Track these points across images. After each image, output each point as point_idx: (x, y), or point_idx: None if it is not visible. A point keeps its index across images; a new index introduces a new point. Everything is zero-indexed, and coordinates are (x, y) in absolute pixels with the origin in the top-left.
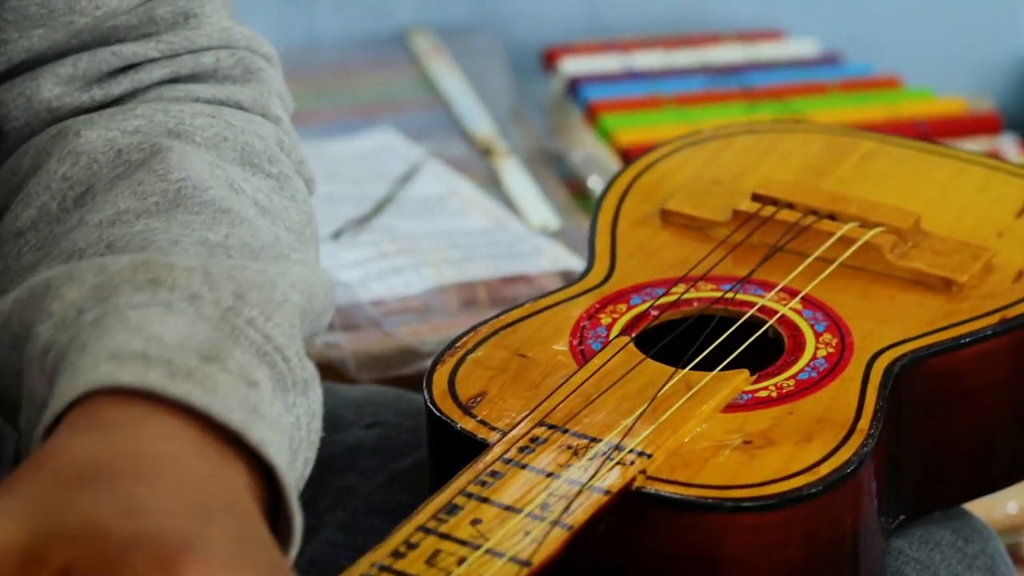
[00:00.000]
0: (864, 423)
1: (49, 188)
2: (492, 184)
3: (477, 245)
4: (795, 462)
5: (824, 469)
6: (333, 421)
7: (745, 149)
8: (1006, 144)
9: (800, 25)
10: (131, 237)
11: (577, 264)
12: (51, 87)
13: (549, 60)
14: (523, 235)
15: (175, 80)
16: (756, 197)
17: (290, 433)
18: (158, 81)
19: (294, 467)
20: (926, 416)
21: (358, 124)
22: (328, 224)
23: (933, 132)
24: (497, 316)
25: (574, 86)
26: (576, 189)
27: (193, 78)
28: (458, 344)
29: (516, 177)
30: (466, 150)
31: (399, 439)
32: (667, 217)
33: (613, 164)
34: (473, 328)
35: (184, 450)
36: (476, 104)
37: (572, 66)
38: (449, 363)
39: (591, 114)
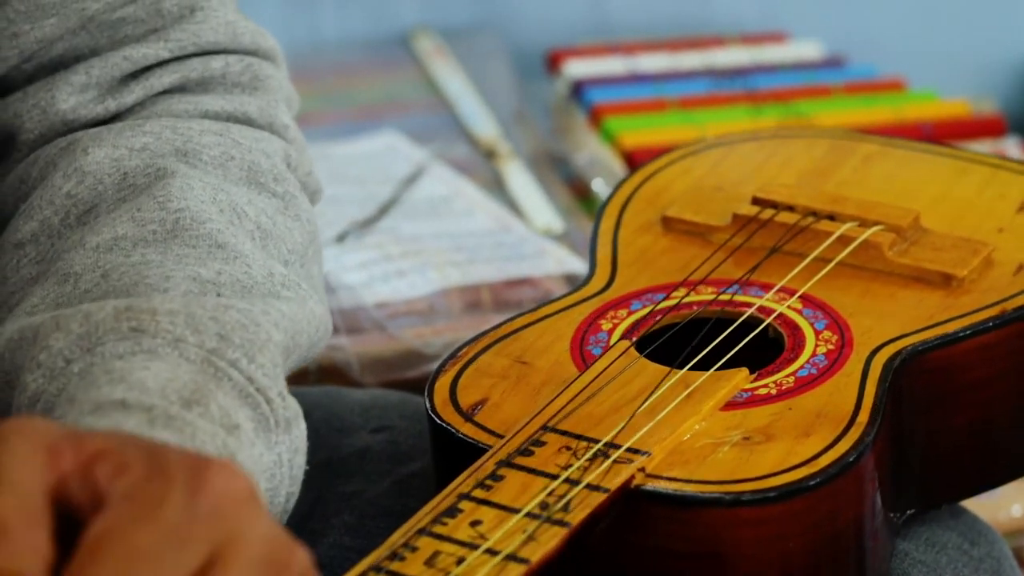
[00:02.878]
0: (863, 416)
1: (53, 203)
2: (496, 186)
3: (481, 247)
4: (794, 455)
5: (823, 461)
6: (339, 425)
7: (747, 155)
8: (1010, 146)
9: (804, 27)
10: (126, 268)
11: (581, 267)
12: (66, 98)
13: (553, 62)
14: (527, 237)
15: (184, 88)
16: (756, 201)
17: (271, 471)
18: (168, 88)
19: (275, 503)
20: (928, 410)
21: (361, 126)
22: (332, 226)
23: (937, 134)
24: (499, 325)
25: (578, 88)
26: (580, 191)
27: (202, 86)
28: (460, 353)
29: (520, 179)
30: (470, 152)
31: (406, 443)
32: (668, 224)
33: (617, 167)
34: (475, 338)
35: None
36: (480, 106)
37: (576, 68)
38: (451, 372)
39: (595, 116)
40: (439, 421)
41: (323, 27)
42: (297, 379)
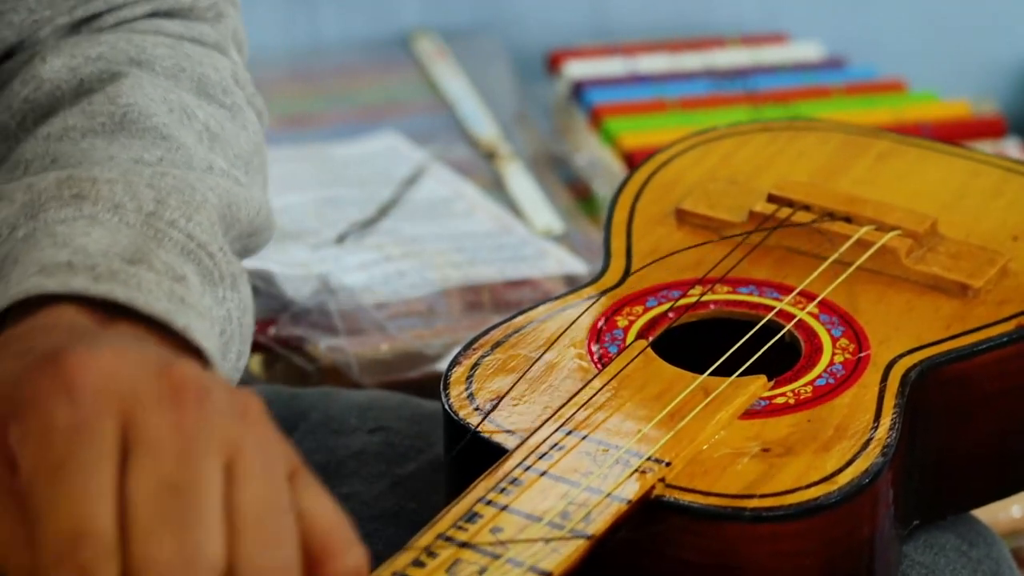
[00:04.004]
0: (882, 432)
1: (10, 108)
2: (496, 187)
3: (481, 248)
4: (813, 471)
5: (842, 479)
6: (336, 426)
7: (760, 148)
8: (1010, 147)
9: (804, 28)
10: (73, 153)
11: (581, 267)
12: (48, 35)
13: (553, 63)
14: (527, 238)
15: (153, 16)
16: (772, 198)
17: (221, 325)
18: (139, 16)
19: (227, 357)
20: (942, 422)
21: (362, 127)
22: (332, 227)
23: (937, 135)
24: (513, 317)
25: (578, 89)
26: (580, 193)
27: (168, 15)
28: (475, 346)
29: (520, 180)
30: (470, 153)
31: (403, 444)
32: (682, 217)
33: (617, 167)
34: (489, 329)
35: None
36: (480, 107)
37: (576, 69)
38: (466, 365)
39: (595, 117)
40: (455, 417)
41: (324, 28)
42: (297, 380)
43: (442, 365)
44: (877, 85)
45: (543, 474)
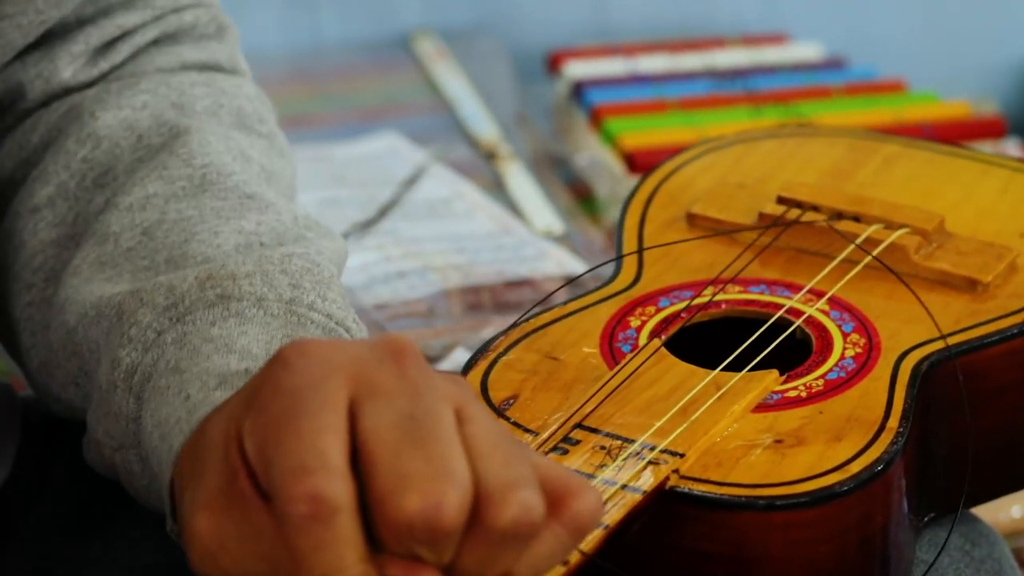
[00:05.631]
0: (893, 421)
1: (68, 168)
2: (496, 188)
3: (482, 249)
4: (826, 460)
5: (855, 467)
6: None
7: (768, 153)
8: (1010, 147)
9: (804, 29)
10: (168, 224)
11: (581, 268)
12: (66, 66)
13: (553, 64)
14: (527, 239)
15: (159, 41)
16: (781, 200)
17: None
18: (150, 41)
19: None
20: (954, 415)
21: (362, 128)
22: (333, 227)
23: (937, 136)
24: (527, 319)
25: (578, 90)
26: (580, 193)
27: (175, 38)
28: (490, 348)
29: (520, 181)
30: (470, 154)
31: None
32: (693, 220)
33: (617, 168)
34: (503, 332)
35: None
36: (480, 108)
37: (577, 70)
38: (481, 366)
39: (596, 118)
40: None
41: (324, 29)
42: None
43: (442, 366)
44: (877, 85)
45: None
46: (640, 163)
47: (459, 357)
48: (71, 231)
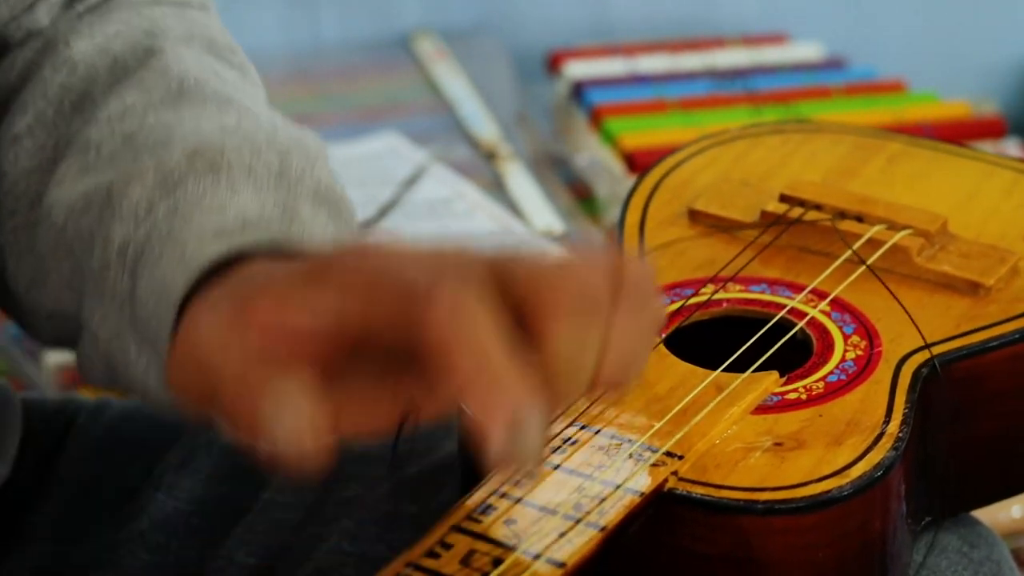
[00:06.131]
0: (893, 426)
1: (46, 96)
2: (496, 188)
3: (482, 249)
4: (825, 465)
5: (854, 472)
6: None
7: (772, 149)
8: (1010, 148)
9: (804, 29)
10: (148, 130)
11: None
12: (44, 14)
13: (554, 64)
14: (528, 239)
15: None
16: (784, 198)
17: None
18: None
19: None
20: (953, 419)
21: (362, 128)
22: None
23: (937, 136)
24: None
25: (578, 90)
26: (580, 193)
27: None
28: None
29: (520, 181)
30: (470, 154)
31: (404, 447)
32: (695, 217)
33: (617, 168)
34: None
35: None
36: (480, 108)
37: (577, 70)
38: None
39: (595, 118)
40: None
41: (324, 29)
42: None
43: None
44: (877, 85)
45: (557, 467)
46: (640, 163)
47: None
48: (52, 155)
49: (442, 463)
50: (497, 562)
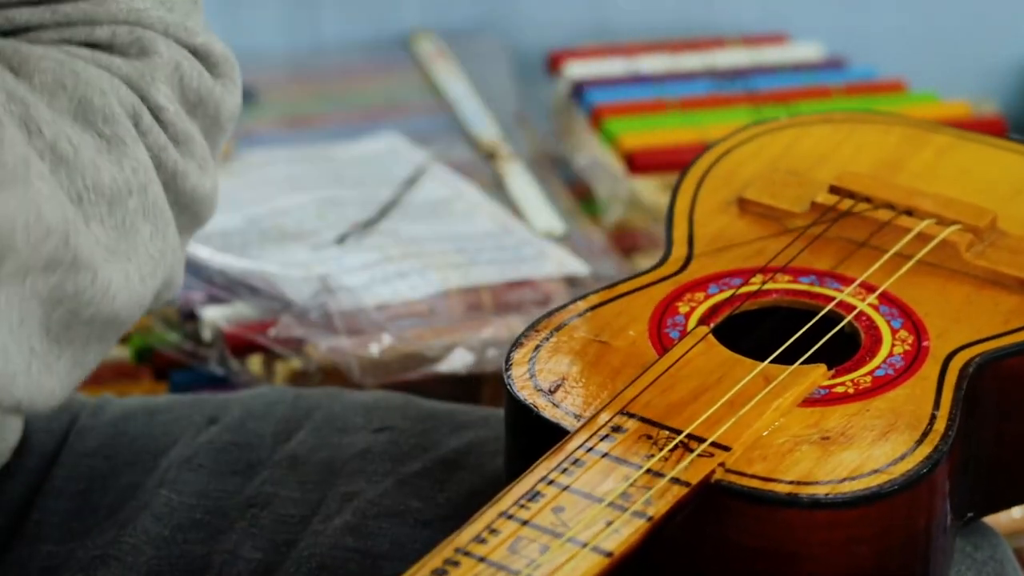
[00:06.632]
0: (940, 423)
1: None
2: (496, 188)
3: (482, 249)
4: (872, 460)
5: (900, 468)
6: (341, 425)
7: (821, 139)
8: None
9: (804, 29)
10: None
11: (582, 269)
12: None
13: (554, 64)
14: (528, 239)
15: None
16: (833, 189)
17: None
18: (47, 43)
19: None
20: (999, 416)
21: (362, 128)
22: (333, 228)
23: None
24: (575, 301)
25: (579, 90)
26: (581, 193)
27: (83, 45)
28: (537, 327)
29: (520, 181)
30: (470, 154)
31: (407, 443)
32: (744, 206)
33: (617, 168)
34: (550, 313)
35: None
36: (480, 108)
37: (577, 70)
38: (528, 347)
39: (596, 118)
40: (520, 398)
41: (324, 29)
42: (298, 381)
43: (442, 366)
44: (877, 85)
45: (605, 455)
46: (640, 163)
47: (459, 357)
48: None
49: (445, 459)
50: (544, 549)
